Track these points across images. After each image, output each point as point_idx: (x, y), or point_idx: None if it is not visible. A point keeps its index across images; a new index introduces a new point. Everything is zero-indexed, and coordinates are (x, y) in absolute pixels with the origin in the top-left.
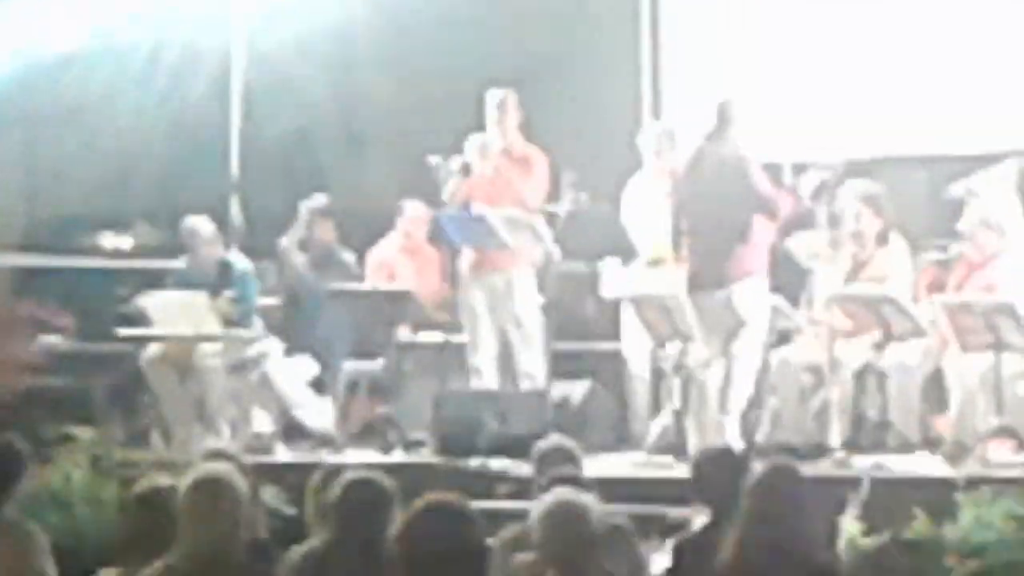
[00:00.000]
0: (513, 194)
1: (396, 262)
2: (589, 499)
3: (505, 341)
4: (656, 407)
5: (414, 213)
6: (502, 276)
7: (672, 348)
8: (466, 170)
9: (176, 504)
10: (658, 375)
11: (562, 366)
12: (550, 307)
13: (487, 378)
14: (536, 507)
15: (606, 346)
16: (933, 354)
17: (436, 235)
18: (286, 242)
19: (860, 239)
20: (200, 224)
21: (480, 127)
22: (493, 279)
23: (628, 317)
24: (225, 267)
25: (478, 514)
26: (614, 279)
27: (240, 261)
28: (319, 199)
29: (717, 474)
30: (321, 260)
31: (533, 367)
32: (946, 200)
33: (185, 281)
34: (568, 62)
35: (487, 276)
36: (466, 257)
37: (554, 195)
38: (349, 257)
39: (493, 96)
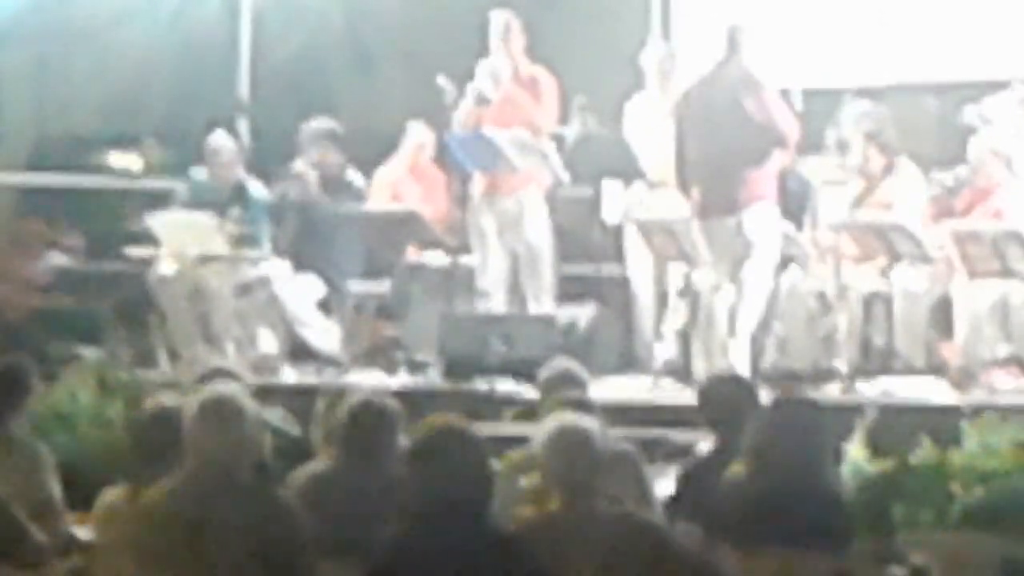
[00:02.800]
0: (523, 118)
1: (402, 184)
2: (592, 423)
3: (514, 264)
4: (660, 331)
5: (419, 135)
6: (513, 199)
7: (677, 271)
8: (480, 99)
9: (182, 424)
10: (663, 299)
11: (569, 290)
12: (557, 230)
13: (495, 301)
14: (539, 432)
15: (613, 270)
16: (940, 281)
17: (444, 158)
18: (300, 166)
19: (866, 173)
20: (223, 142)
21: (485, 48)
22: (504, 202)
23: (632, 240)
24: (240, 189)
25: (484, 437)
26: (616, 202)
27: (256, 188)
28: (324, 122)
29: (725, 399)
30: (330, 182)
31: (541, 290)
32: (957, 127)
33: (198, 196)
34: None
35: (498, 199)
36: (478, 180)
37: (563, 118)
38: (358, 178)
39: (496, 20)
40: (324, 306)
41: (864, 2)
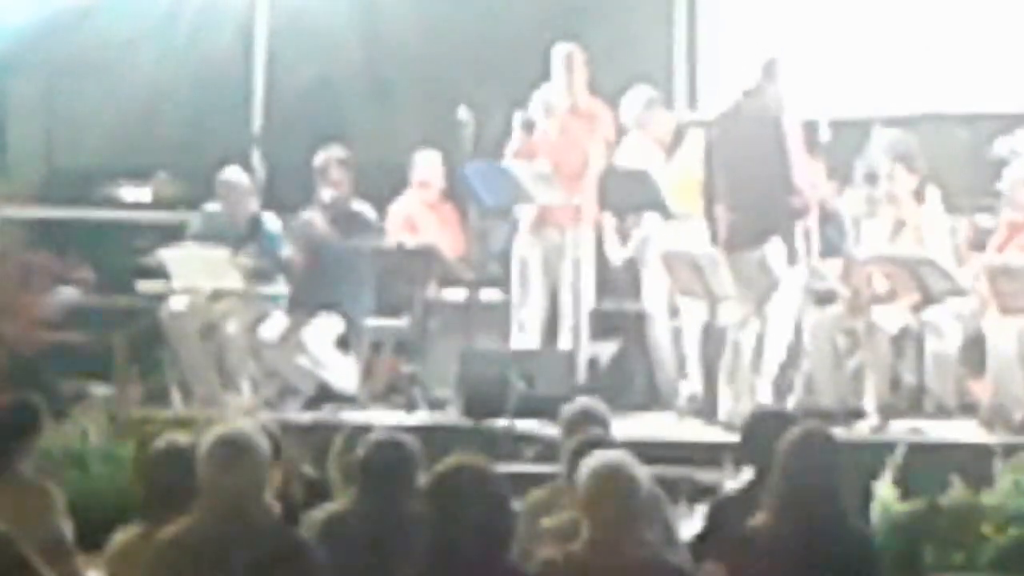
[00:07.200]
0: (579, 154)
1: (418, 216)
2: (639, 467)
3: (554, 298)
4: (684, 368)
5: (425, 164)
6: (562, 232)
7: (700, 308)
8: (528, 127)
9: (196, 462)
10: (680, 333)
11: (592, 326)
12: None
13: (530, 333)
14: (585, 466)
15: (636, 306)
16: (972, 317)
17: (460, 191)
18: (309, 213)
19: (896, 199)
20: (237, 176)
21: (504, 78)
22: (552, 235)
23: (651, 273)
24: (254, 223)
25: (503, 476)
26: (616, 241)
27: (271, 221)
28: (334, 150)
29: (768, 435)
30: (339, 216)
31: (578, 325)
32: (988, 159)
33: (211, 230)
34: (599, 14)
35: (547, 232)
36: (527, 212)
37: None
38: (368, 210)
39: (559, 53)
40: (342, 343)
41: (894, 32)
